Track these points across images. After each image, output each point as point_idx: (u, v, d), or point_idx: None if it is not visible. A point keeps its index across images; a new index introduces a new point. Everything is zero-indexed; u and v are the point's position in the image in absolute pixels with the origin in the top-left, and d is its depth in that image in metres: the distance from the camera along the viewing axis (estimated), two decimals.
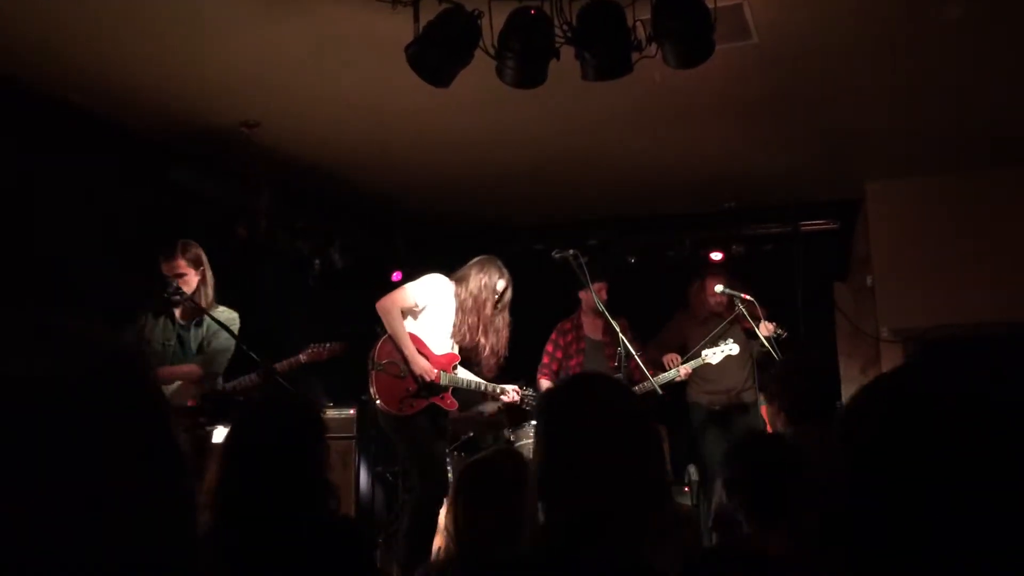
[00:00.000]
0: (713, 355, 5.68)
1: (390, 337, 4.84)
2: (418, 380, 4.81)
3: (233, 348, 4.49)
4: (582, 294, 5.88)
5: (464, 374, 5.01)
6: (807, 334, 6.04)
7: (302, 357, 4.77)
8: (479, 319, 4.89)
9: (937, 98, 4.98)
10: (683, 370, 5.69)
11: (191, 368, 4.47)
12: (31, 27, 3.96)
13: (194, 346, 4.54)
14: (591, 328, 6.00)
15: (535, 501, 1.66)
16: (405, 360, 4.80)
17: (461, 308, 4.90)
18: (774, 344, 5.45)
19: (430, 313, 4.93)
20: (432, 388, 4.86)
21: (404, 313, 4.87)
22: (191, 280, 4.50)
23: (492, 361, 4.97)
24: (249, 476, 2.15)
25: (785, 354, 5.41)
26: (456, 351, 5.01)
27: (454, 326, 4.92)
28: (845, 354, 6.80)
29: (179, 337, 4.53)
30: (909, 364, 0.93)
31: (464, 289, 4.90)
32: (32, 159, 4.55)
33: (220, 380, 4.56)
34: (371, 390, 4.80)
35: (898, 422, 0.83)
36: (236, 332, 4.50)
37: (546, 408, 1.78)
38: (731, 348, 5.68)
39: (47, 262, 4.56)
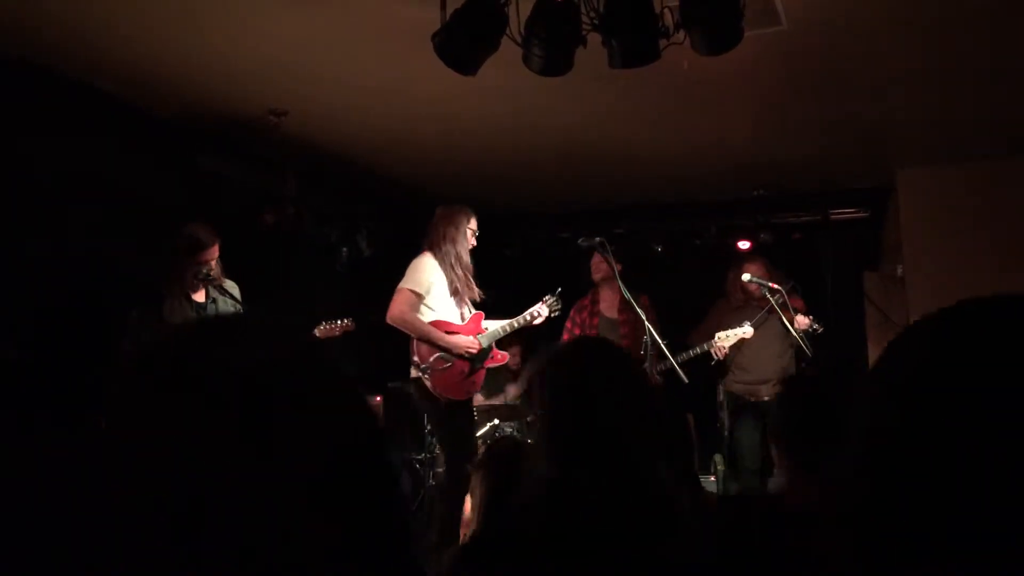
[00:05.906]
0: (727, 337, 5.64)
1: (419, 339, 4.83)
2: (466, 357, 4.89)
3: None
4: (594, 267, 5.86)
5: (494, 325, 5.04)
6: (836, 324, 5.96)
7: (316, 334, 4.77)
8: (467, 264, 4.95)
9: (970, 84, 4.89)
10: (716, 346, 5.65)
11: None
12: (59, 14, 3.99)
13: None
14: (607, 306, 5.94)
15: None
16: (443, 350, 4.82)
17: (450, 268, 4.88)
18: (806, 340, 5.39)
19: (435, 293, 4.88)
20: (481, 356, 4.96)
21: (415, 309, 4.83)
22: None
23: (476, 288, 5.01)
24: None
25: (817, 350, 5.34)
26: (470, 308, 5.03)
27: (451, 289, 4.90)
28: (874, 344, 6.72)
29: (198, 316, 4.55)
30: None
31: (442, 249, 4.89)
32: (61, 146, 4.59)
33: None
34: (436, 393, 4.78)
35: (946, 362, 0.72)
36: (240, 300, 4.64)
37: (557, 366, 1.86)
38: (745, 331, 5.63)
39: (77, 248, 4.61)
